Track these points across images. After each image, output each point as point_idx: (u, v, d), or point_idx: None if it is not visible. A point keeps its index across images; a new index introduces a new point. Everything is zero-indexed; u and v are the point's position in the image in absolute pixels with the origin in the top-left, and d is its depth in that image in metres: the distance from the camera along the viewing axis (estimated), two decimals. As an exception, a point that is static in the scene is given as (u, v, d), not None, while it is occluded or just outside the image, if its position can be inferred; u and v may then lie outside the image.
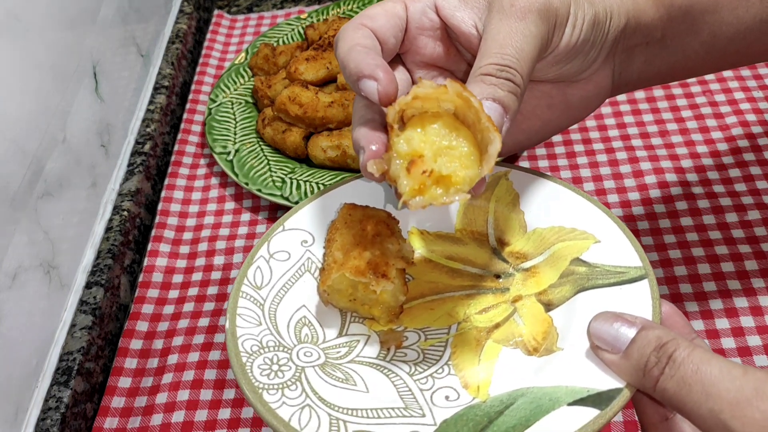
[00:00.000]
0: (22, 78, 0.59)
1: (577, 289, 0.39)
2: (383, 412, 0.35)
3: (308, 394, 0.35)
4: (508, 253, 0.43)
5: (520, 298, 0.41)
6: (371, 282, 0.37)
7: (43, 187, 0.60)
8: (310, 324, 0.40)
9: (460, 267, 0.43)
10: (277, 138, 0.73)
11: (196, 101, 0.84)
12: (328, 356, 0.38)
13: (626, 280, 0.38)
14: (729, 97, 0.73)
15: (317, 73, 0.75)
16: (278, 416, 0.34)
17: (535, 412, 0.33)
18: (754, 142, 0.68)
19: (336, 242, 0.40)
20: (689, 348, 0.31)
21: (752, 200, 0.63)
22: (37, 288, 0.58)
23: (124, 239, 0.69)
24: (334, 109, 0.71)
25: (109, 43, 0.75)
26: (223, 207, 0.73)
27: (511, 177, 0.45)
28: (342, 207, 0.42)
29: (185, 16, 0.93)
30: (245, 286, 0.40)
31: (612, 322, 0.34)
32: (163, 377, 0.59)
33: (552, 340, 0.37)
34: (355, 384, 0.37)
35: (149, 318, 0.64)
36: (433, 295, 0.42)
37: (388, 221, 0.41)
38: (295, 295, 0.41)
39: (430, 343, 0.39)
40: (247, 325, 0.38)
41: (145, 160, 0.75)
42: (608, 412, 0.32)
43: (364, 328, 0.40)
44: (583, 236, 0.41)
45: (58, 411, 0.55)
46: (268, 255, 0.42)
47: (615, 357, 0.33)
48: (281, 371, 0.36)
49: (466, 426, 0.33)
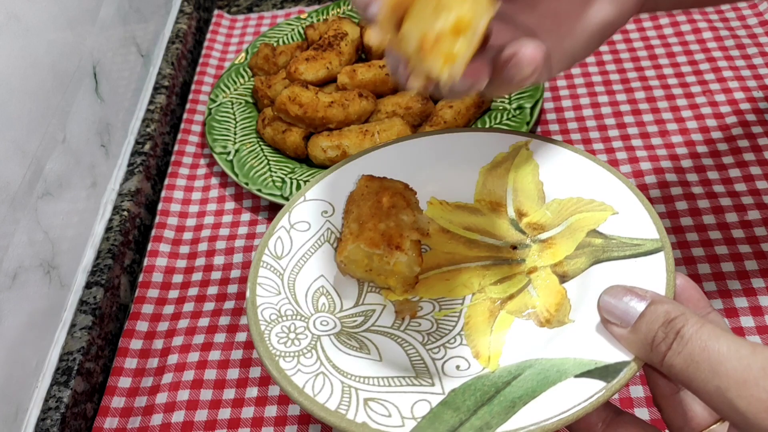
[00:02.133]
0: (22, 78, 0.59)
1: (592, 261, 0.39)
2: (394, 381, 0.35)
3: (323, 362, 0.36)
4: (525, 224, 0.43)
5: (536, 270, 0.41)
6: (385, 253, 0.38)
7: (43, 187, 0.60)
8: (328, 293, 0.40)
9: (478, 238, 0.44)
10: (277, 138, 0.73)
11: (196, 101, 0.84)
12: (344, 325, 0.39)
13: (641, 253, 0.38)
14: (729, 97, 0.73)
15: (317, 73, 0.75)
16: (293, 383, 0.35)
17: (541, 383, 0.33)
18: (754, 142, 0.68)
19: (353, 214, 0.40)
20: (698, 324, 0.31)
21: (752, 200, 0.63)
22: (37, 288, 0.58)
23: (124, 239, 0.69)
24: (334, 109, 0.71)
25: (109, 43, 0.75)
26: (223, 207, 0.73)
27: (531, 147, 0.45)
28: (360, 178, 0.42)
29: (185, 16, 0.93)
30: (266, 255, 0.41)
31: (622, 295, 0.33)
32: (163, 377, 0.59)
33: (564, 312, 0.38)
34: (369, 352, 0.37)
35: (149, 318, 0.64)
36: (449, 266, 0.42)
37: (404, 192, 0.41)
38: (314, 265, 0.41)
39: (444, 313, 0.40)
40: (266, 294, 0.39)
41: (145, 160, 0.75)
42: (615, 385, 0.32)
43: (381, 298, 0.41)
44: (601, 207, 0.41)
45: (58, 411, 0.55)
46: (288, 225, 0.43)
47: (624, 331, 0.33)
48: (298, 339, 0.37)
49: (474, 395, 0.34)
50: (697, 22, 0.81)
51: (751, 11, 0.81)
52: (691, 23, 0.81)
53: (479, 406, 0.33)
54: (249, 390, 0.58)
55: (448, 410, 0.33)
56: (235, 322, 0.62)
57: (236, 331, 0.62)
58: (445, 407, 0.33)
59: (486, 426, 0.32)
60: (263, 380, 0.58)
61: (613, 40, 0.82)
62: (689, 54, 0.78)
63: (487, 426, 0.32)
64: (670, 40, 0.80)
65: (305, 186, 0.45)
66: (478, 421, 0.32)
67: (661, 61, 0.78)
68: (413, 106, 0.72)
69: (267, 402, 0.57)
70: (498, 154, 0.46)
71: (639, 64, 0.78)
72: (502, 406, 0.33)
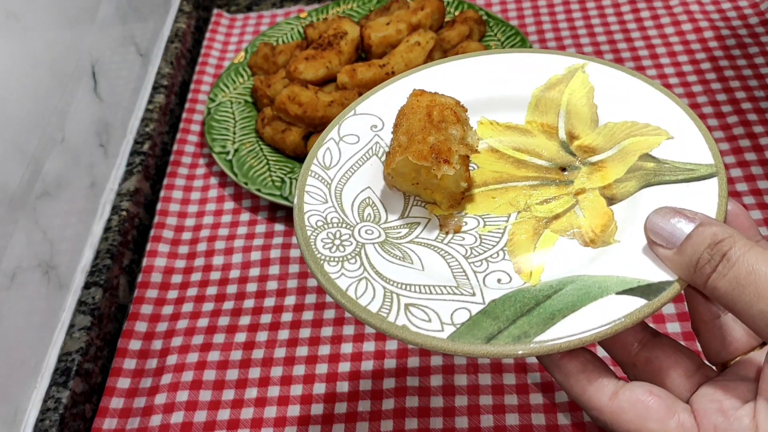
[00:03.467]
0: (21, 77, 0.58)
1: (642, 184, 0.39)
2: (435, 289, 0.36)
3: (366, 268, 0.37)
4: (576, 146, 0.43)
5: (584, 191, 0.41)
6: (433, 166, 0.38)
7: (41, 187, 0.60)
8: (374, 204, 0.41)
9: (526, 158, 0.43)
10: (277, 137, 0.73)
11: (195, 101, 0.84)
12: (389, 235, 0.40)
13: (695, 177, 0.37)
14: (730, 97, 0.72)
15: (317, 73, 0.75)
16: (336, 285, 0.36)
17: (582, 298, 0.34)
18: (756, 142, 0.68)
19: (402, 127, 0.41)
20: (746, 247, 0.30)
21: (753, 200, 0.63)
22: (35, 288, 0.58)
23: (123, 239, 0.69)
24: (333, 109, 0.71)
25: (108, 43, 0.75)
26: (223, 207, 0.73)
27: (587, 70, 0.45)
28: (411, 93, 0.42)
29: (184, 15, 0.93)
30: (314, 165, 0.42)
31: (671, 216, 0.33)
32: (162, 378, 0.59)
33: (610, 233, 0.37)
34: (411, 262, 0.38)
35: (148, 318, 0.64)
36: (496, 184, 0.42)
37: (455, 108, 0.41)
38: (362, 176, 0.42)
39: (488, 229, 0.40)
40: (313, 202, 0.40)
41: (144, 160, 0.75)
42: (655, 303, 0.32)
43: (426, 212, 0.41)
44: (656, 132, 0.41)
45: (56, 412, 0.55)
46: (338, 137, 0.44)
47: (669, 252, 0.33)
48: (342, 246, 0.38)
49: (513, 306, 0.34)
50: (698, 21, 0.81)
51: (752, 10, 0.81)
52: (692, 22, 0.81)
53: (518, 317, 0.34)
54: (248, 391, 0.57)
55: (488, 319, 0.34)
56: (234, 322, 0.62)
57: (235, 331, 0.62)
58: (484, 316, 0.34)
59: (524, 335, 0.33)
60: (262, 381, 0.58)
61: (615, 39, 0.82)
62: (690, 53, 0.78)
63: (525, 335, 0.32)
64: (671, 39, 0.80)
65: (355, 101, 0.46)
66: (516, 330, 0.33)
67: (662, 60, 0.78)
68: (413, 105, 0.71)
69: (266, 403, 0.57)
70: (553, 75, 0.45)
71: (640, 63, 0.78)
72: (542, 318, 0.33)
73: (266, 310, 0.63)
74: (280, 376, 0.58)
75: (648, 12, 0.84)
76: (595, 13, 0.86)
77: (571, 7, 0.87)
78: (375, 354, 0.58)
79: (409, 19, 0.77)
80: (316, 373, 0.58)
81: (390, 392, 0.56)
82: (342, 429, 0.54)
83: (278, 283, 0.65)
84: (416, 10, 0.78)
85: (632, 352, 0.36)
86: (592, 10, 0.86)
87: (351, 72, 0.73)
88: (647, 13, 0.84)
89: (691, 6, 0.83)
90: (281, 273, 0.66)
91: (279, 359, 0.59)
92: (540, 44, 0.83)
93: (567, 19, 0.86)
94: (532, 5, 0.89)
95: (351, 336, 0.60)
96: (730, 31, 0.79)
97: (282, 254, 0.67)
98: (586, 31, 0.84)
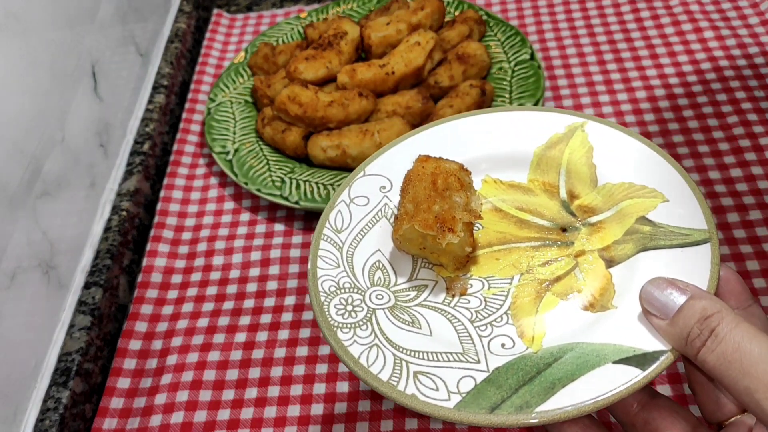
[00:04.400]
0: (21, 77, 0.58)
1: (639, 248, 0.40)
2: (442, 356, 0.37)
3: (377, 335, 0.38)
4: (576, 206, 0.44)
5: (583, 253, 0.42)
6: (438, 235, 0.39)
7: (41, 187, 0.60)
8: (384, 268, 0.42)
9: (529, 218, 0.45)
10: (277, 137, 0.73)
11: (195, 101, 0.84)
12: (398, 299, 0.41)
13: (688, 243, 0.38)
14: (730, 96, 0.72)
15: (317, 73, 0.75)
16: (349, 353, 0.37)
17: (581, 367, 0.35)
18: (756, 142, 0.68)
19: (409, 194, 0.42)
20: (733, 323, 0.31)
21: (753, 200, 0.63)
22: (35, 288, 0.58)
23: (123, 239, 0.69)
24: (333, 109, 0.71)
25: (108, 43, 0.75)
26: (223, 207, 0.73)
27: (587, 128, 0.46)
28: (417, 158, 0.44)
29: (184, 15, 0.93)
30: (327, 229, 0.43)
31: (664, 287, 0.34)
32: (162, 378, 0.59)
33: (608, 297, 0.39)
34: (420, 327, 0.39)
35: (148, 318, 0.64)
36: (500, 245, 0.44)
37: (459, 173, 0.43)
38: (372, 239, 0.43)
39: (492, 291, 0.41)
40: (326, 267, 0.41)
41: (144, 160, 0.75)
42: (650, 373, 0.33)
43: (433, 274, 0.42)
44: (652, 194, 0.42)
45: (56, 412, 0.55)
46: (348, 199, 0.45)
47: (663, 323, 0.34)
48: (354, 312, 0.39)
49: (516, 375, 0.36)
50: (698, 22, 0.81)
51: (752, 10, 0.81)
52: (693, 23, 0.81)
53: (521, 385, 0.35)
54: (248, 391, 0.57)
55: (492, 387, 0.35)
56: (234, 322, 0.62)
57: (235, 331, 0.62)
58: (488, 384, 0.35)
59: (526, 405, 0.34)
60: (262, 381, 0.58)
61: (615, 39, 0.82)
62: (690, 53, 0.78)
63: (527, 405, 0.34)
64: (671, 39, 0.80)
65: (365, 161, 0.47)
66: (518, 399, 0.34)
67: (662, 60, 0.78)
68: (413, 105, 0.71)
69: (266, 403, 0.57)
70: (554, 134, 0.47)
71: (640, 63, 0.78)
72: (542, 387, 0.35)
73: (266, 310, 0.63)
74: (280, 376, 0.58)
75: (648, 12, 0.84)
76: (595, 13, 0.86)
77: (571, 7, 0.87)
78: (375, 354, 0.58)
79: (409, 19, 0.77)
80: (316, 373, 0.58)
81: (390, 392, 0.56)
82: (342, 429, 0.54)
83: (278, 283, 0.65)
84: (416, 10, 0.78)
85: (632, 413, 0.37)
86: (592, 10, 0.86)
87: (351, 72, 0.73)
88: (647, 13, 0.84)
89: (691, 6, 0.83)
90: (281, 273, 0.66)
91: (279, 359, 0.59)
92: (540, 44, 0.83)
93: (567, 19, 0.86)
94: (532, 5, 0.89)
95: (351, 336, 0.60)
96: (730, 31, 0.79)
97: (282, 254, 0.67)
98: (586, 31, 0.84)
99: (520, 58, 0.77)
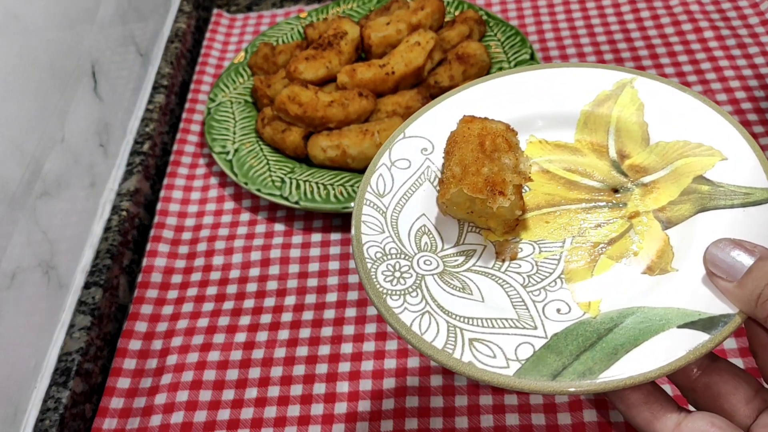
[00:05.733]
0: (21, 77, 0.58)
1: (697, 208, 0.38)
2: (497, 323, 0.36)
3: (428, 302, 0.37)
4: (627, 166, 0.42)
5: (638, 214, 0.40)
6: (488, 198, 0.38)
7: (41, 187, 0.60)
8: (430, 233, 0.41)
9: (578, 179, 0.43)
10: (277, 137, 0.73)
11: (195, 101, 0.84)
12: (446, 264, 0.39)
13: (751, 202, 0.37)
14: (730, 96, 0.72)
15: (317, 73, 0.75)
16: (401, 321, 0.35)
17: (644, 331, 0.33)
18: (756, 142, 0.68)
19: (455, 156, 0.40)
20: None
21: (753, 200, 0.63)
22: (35, 288, 0.58)
23: (123, 239, 0.69)
24: (333, 109, 0.71)
25: (108, 43, 0.75)
26: (222, 207, 0.73)
27: (636, 85, 0.44)
28: (461, 119, 0.42)
29: (184, 15, 0.93)
30: (368, 193, 0.42)
31: (730, 249, 0.33)
32: (162, 378, 0.59)
33: (667, 260, 0.37)
34: (471, 293, 0.38)
35: (148, 318, 0.64)
36: (549, 208, 0.42)
37: (506, 134, 0.41)
38: (416, 203, 0.42)
39: (544, 255, 0.40)
40: (371, 232, 0.40)
41: (144, 160, 0.75)
42: (717, 337, 0.32)
43: (481, 238, 0.41)
44: (709, 152, 0.40)
45: (56, 412, 0.55)
46: (389, 162, 0.43)
47: (729, 285, 0.33)
48: (403, 278, 0.38)
49: (576, 341, 0.34)
50: (698, 21, 0.81)
51: (752, 10, 0.81)
52: (692, 22, 0.81)
53: (582, 351, 0.34)
54: (248, 391, 0.57)
55: (551, 354, 0.34)
56: (234, 322, 0.62)
57: (235, 331, 0.62)
58: (548, 351, 0.34)
59: (589, 371, 0.32)
60: (262, 381, 0.58)
61: (615, 39, 0.82)
62: (690, 53, 0.78)
63: (590, 371, 0.32)
64: (671, 39, 0.80)
65: (404, 123, 0.45)
66: (581, 366, 0.33)
67: (662, 60, 0.78)
68: (413, 105, 0.71)
69: (266, 403, 0.57)
70: (601, 91, 0.45)
71: (640, 63, 0.78)
72: (605, 353, 0.33)
73: (266, 310, 0.63)
74: (280, 376, 0.58)
75: (648, 12, 0.84)
76: (595, 13, 0.86)
77: (571, 7, 0.87)
78: (375, 354, 0.58)
79: (409, 19, 0.77)
80: (316, 373, 0.58)
81: (390, 392, 0.56)
82: (342, 429, 0.54)
83: (278, 283, 0.65)
84: (416, 10, 0.78)
85: (692, 378, 0.36)
86: (592, 10, 0.86)
87: (351, 72, 0.73)
88: (647, 13, 0.84)
89: (691, 6, 0.83)
90: (281, 273, 0.66)
91: (279, 359, 0.59)
92: (540, 44, 0.83)
93: (567, 19, 0.86)
94: (532, 5, 0.89)
95: (351, 336, 0.60)
96: (730, 31, 0.79)
97: (282, 254, 0.67)
98: (586, 31, 0.84)
99: (520, 58, 0.77)
